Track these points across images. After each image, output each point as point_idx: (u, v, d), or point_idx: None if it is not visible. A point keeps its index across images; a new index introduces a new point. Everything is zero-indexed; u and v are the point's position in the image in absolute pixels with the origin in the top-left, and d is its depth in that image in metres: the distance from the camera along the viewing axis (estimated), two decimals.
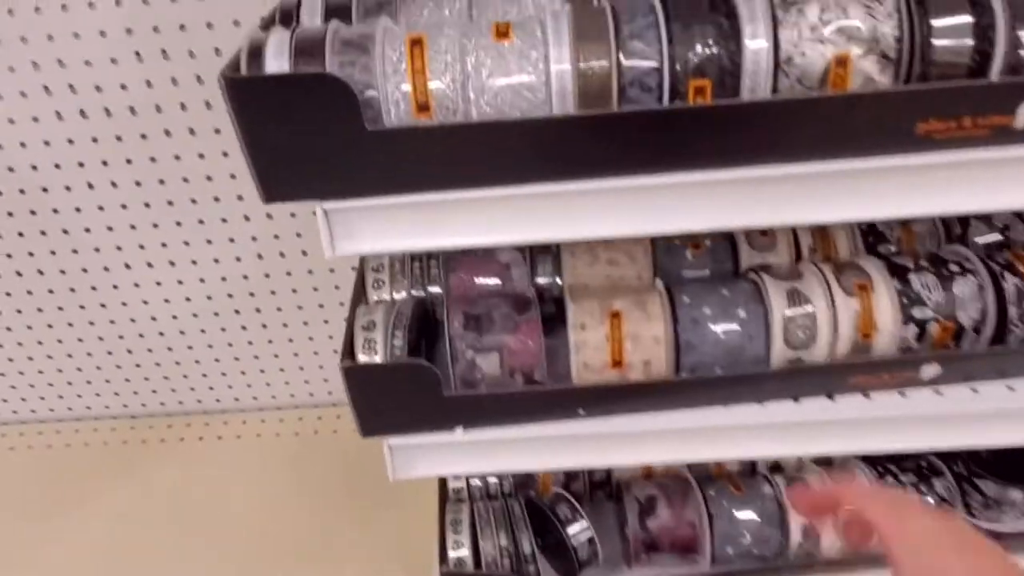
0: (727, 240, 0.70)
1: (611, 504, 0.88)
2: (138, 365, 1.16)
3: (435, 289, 0.71)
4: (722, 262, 0.69)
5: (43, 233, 1.01)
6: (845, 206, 0.50)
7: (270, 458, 1.11)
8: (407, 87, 0.47)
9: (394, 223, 0.52)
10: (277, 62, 0.47)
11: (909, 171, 0.49)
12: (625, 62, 0.46)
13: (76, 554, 0.97)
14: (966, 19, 0.46)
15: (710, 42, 0.46)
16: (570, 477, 0.86)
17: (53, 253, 1.03)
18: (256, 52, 0.47)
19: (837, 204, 0.50)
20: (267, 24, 0.54)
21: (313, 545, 0.96)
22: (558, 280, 0.70)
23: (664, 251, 0.69)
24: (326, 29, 0.48)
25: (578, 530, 0.78)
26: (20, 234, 1.01)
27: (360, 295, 0.71)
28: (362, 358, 0.63)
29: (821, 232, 0.70)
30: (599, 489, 0.87)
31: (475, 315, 0.64)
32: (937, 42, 0.46)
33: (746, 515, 0.77)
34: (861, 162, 0.48)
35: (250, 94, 0.45)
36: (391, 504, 0.95)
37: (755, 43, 0.46)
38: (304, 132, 0.47)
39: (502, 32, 0.48)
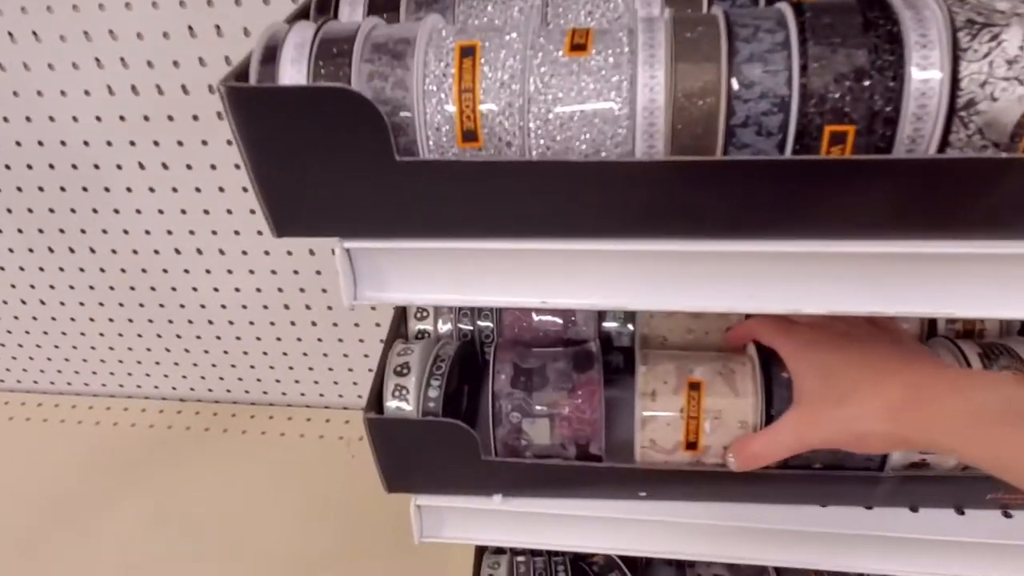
0: None
1: (672, 570, 0.78)
2: (187, 350, 1.12)
3: (485, 324, 0.62)
4: None
5: (95, 211, 0.96)
6: None
7: (310, 462, 1.05)
8: (451, 108, 0.37)
9: (430, 271, 0.42)
10: (294, 68, 0.38)
11: None
12: (740, 94, 0.34)
13: (99, 543, 0.95)
14: None
15: (860, 72, 0.34)
16: None
17: (105, 232, 0.98)
18: (271, 54, 0.38)
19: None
20: (298, 15, 0.45)
21: (337, 569, 0.90)
22: (630, 327, 0.60)
23: None
24: (357, 29, 0.38)
25: None
26: (72, 210, 0.97)
27: (399, 326, 0.62)
28: (391, 405, 0.54)
29: None
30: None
31: (526, 369, 0.54)
32: None
33: None
34: None
35: (256, 108, 0.36)
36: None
37: (925, 75, 0.33)
38: (321, 157, 0.37)
39: (579, 43, 0.37)
